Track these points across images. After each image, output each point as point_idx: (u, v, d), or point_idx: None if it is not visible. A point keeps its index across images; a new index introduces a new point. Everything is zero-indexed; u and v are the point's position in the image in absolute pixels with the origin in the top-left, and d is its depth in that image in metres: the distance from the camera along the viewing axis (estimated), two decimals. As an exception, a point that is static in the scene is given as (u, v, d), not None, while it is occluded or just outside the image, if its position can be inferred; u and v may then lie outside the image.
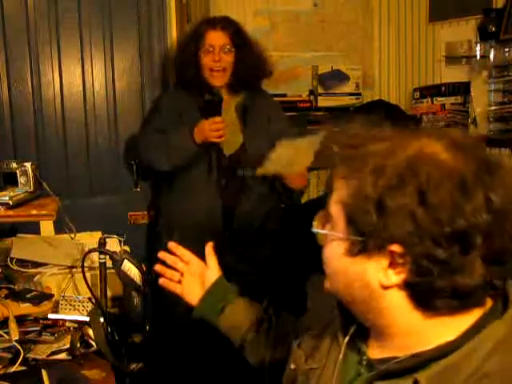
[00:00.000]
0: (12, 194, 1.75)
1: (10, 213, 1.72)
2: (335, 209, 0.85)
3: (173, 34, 3.01)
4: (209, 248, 1.33)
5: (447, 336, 0.81)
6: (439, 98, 3.15)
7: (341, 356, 0.93)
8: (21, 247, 2.01)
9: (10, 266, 1.90)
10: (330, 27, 3.44)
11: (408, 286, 0.80)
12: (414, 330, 0.83)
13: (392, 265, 0.80)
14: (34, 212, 1.74)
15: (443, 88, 3.14)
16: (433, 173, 0.76)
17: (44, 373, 1.30)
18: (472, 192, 0.76)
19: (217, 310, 1.27)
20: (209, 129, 2.36)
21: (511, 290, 0.84)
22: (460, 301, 0.80)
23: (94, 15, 2.90)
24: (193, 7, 3.03)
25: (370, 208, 0.78)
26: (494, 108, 2.87)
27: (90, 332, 1.43)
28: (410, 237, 0.76)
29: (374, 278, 0.82)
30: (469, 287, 0.78)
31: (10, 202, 1.71)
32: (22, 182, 1.83)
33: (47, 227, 2.17)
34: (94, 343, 1.43)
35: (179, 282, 1.32)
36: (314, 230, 0.91)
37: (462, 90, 3.06)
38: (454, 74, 3.15)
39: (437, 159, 0.78)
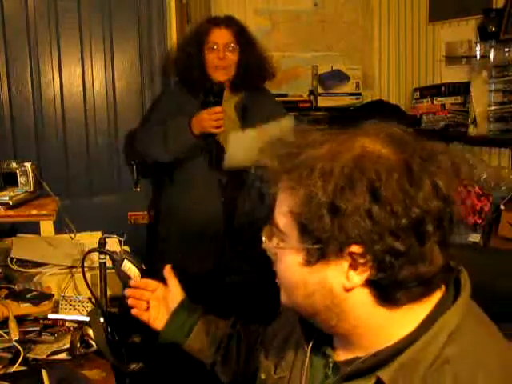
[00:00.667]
0: (12, 194, 1.75)
1: (10, 213, 1.71)
2: (284, 220, 0.83)
3: (173, 33, 3.01)
4: (168, 270, 1.33)
5: (407, 327, 0.82)
6: (439, 98, 3.15)
7: (306, 362, 0.93)
8: (21, 247, 2.00)
9: (10, 266, 1.90)
10: (330, 27, 3.44)
11: (371, 283, 0.80)
12: (378, 326, 0.83)
13: (352, 266, 0.79)
14: (34, 212, 1.74)
15: (443, 88, 3.14)
16: (380, 168, 0.77)
17: (44, 373, 1.30)
18: (419, 180, 0.77)
19: (184, 333, 1.27)
20: (208, 118, 2.35)
21: (462, 277, 0.86)
22: (421, 289, 0.81)
23: (93, 15, 2.90)
24: (193, 7, 3.03)
25: (323, 213, 0.77)
26: (493, 108, 2.86)
27: (90, 332, 1.43)
28: (368, 235, 0.76)
29: (336, 283, 0.81)
30: (430, 274, 0.79)
31: (10, 202, 1.71)
32: (22, 181, 1.83)
33: (47, 227, 2.17)
34: (93, 343, 1.43)
35: (148, 309, 1.32)
36: (265, 246, 0.89)
37: (462, 90, 3.06)
38: (454, 74, 3.15)
39: (381, 155, 0.78)
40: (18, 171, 1.83)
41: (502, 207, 2.64)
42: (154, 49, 3.02)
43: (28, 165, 1.84)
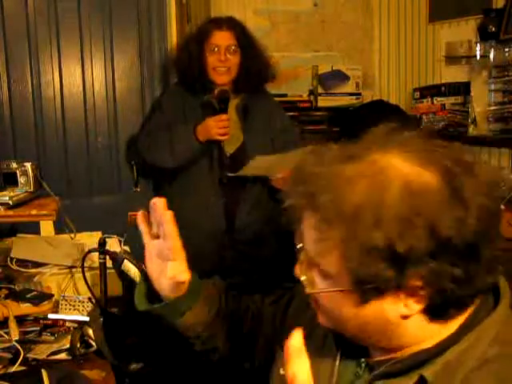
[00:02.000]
0: (12, 193, 1.75)
1: (10, 213, 1.71)
2: (333, 268, 0.78)
3: (173, 34, 3.01)
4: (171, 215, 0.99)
5: (445, 332, 0.81)
6: (439, 98, 3.15)
7: (338, 360, 0.91)
8: (21, 247, 2.01)
9: (10, 266, 1.90)
10: (330, 27, 3.44)
11: (428, 309, 0.78)
12: (424, 337, 0.82)
13: (411, 296, 0.77)
14: (34, 212, 1.74)
15: (443, 88, 3.14)
16: (431, 202, 0.73)
17: (44, 373, 1.30)
18: (468, 201, 0.74)
19: (180, 312, 1.06)
20: (215, 125, 2.36)
21: (502, 283, 0.85)
22: (470, 300, 0.80)
23: (93, 15, 2.90)
24: (193, 7, 3.03)
25: (382, 262, 0.73)
26: (493, 108, 2.86)
27: (90, 332, 1.43)
28: (430, 272, 0.73)
29: (394, 313, 0.78)
30: (485, 285, 0.79)
31: (10, 202, 1.71)
32: (22, 181, 1.83)
33: (47, 227, 2.17)
34: (93, 343, 1.43)
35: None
36: (309, 290, 0.83)
37: (462, 89, 3.06)
38: (454, 74, 3.15)
39: (426, 184, 0.74)
40: (17, 171, 1.83)
41: (502, 207, 2.64)
42: (153, 49, 3.02)
43: (28, 165, 1.84)
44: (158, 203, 0.97)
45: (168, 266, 1.00)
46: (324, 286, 0.81)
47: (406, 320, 0.79)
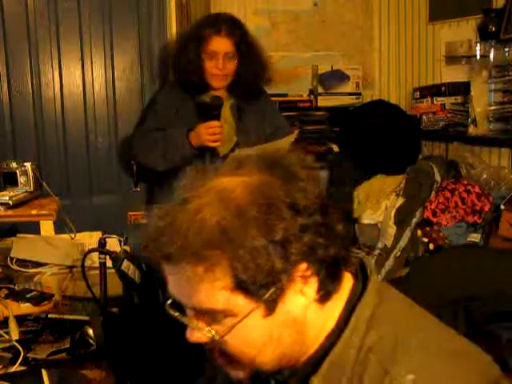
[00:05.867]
0: (12, 193, 1.75)
1: (10, 213, 1.71)
2: (221, 298, 0.76)
3: (173, 34, 3.01)
4: None
5: (328, 325, 0.83)
6: (439, 98, 3.15)
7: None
8: (21, 247, 2.01)
9: (10, 266, 1.90)
10: (330, 27, 3.44)
11: (319, 290, 0.81)
12: (322, 328, 0.83)
13: (303, 283, 0.79)
14: (34, 212, 1.74)
15: (443, 88, 3.14)
16: (274, 189, 0.78)
17: (44, 373, 1.30)
18: (297, 176, 0.81)
19: None
20: (206, 132, 2.36)
21: (367, 262, 0.88)
22: (339, 272, 0.83)
23: (93, 15, 2.91)
24: (193, 7, 3.03)
25: (265, 257, 0.75)
26: (493, 108, 2.86)
27: (90, 332, 1.43)
28: (308, 249, 0.77)
29: (297, 309, 0.80)
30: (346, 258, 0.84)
31: (10, 202, 1.71)
32: (22, 181, 1.83)
33: (47, 227, 2.17)
34: (93, 343, 1.43)
35: None
36: (217, 338, 0.79)
37: (462, 89, 3.06)
38: (454, 74, 3.15)
39: (259, 181, 0.79)
40: (17, 171, 1.83)
41: (502, 207, 2.64)
42: (154, 49, 3.02)
43: (28, 165, 1.84)
44: None
45: None
46: (225, 328, 0.79)
47: (307, 312, 0.81)
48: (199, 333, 0.80)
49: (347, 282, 0.86)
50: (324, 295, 0.82)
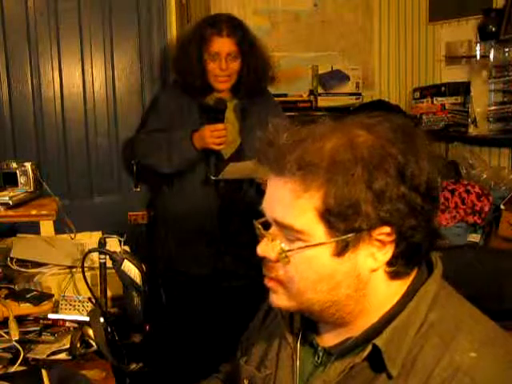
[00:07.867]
0: (12, 193, 1.75)
1: (10, 213, 1.71)
2: (303, 220, 0.81)
3: (173, 34, 3.01)
4: None
5: (392, 301, 0.87)
6: (439, 98, 3.14)
7: (297, 353, 0.94)
8: (21, 247, 2.00)
9: (10, 266, 1.90)
10: (330, 27, 3.44)
11: (391, 261, 0.84)
12: (381, 303, 0.86)
13: (380, 247, 0.82)
14: (33, 212, 1.74)
15: (443, 88, 3.14)
16: (395, 152, 0.81)
17: (44, 373, 1.30)
18: (419, 152, 0.83)
19: None
20: (210, 135, 2.35)
21: (434, 257, 0.92)
22: (415, 259, 0.87)
23: (93, 15, 2.91)
24: (193, 7, 3.03)
25: (359, 202, 0.79)
26: (493, 108, 2.86)
27: (90, 332, 1.43)
28: (399, 215, 0.80)
29: (364, 267, 0.83)
30: (424, 251, 0.87)
31: (10, 202, 1.71)
32: (22, 181, 1.83)
33: (47, 227, 2.17)
34: (93, 343, 1.43)
35: None
36: (287, 249, 0.84)
37: (462, 89, 3.06)
38: (454, 74, 3.15)
39: (387, 138, 0.82)
40: (17, 171, 1.83)
41: (502, 207, 2.64)
42: (154, 49, 3.02)
43: (28, 165, 1.84)
44: None
45: None
46: (294, 249, 0.84)
47: (373, 276, 0.84)
48: (270, 246, 0.87)
49: (414, 273, 0.89)
50: (393, 272, 0.85)
